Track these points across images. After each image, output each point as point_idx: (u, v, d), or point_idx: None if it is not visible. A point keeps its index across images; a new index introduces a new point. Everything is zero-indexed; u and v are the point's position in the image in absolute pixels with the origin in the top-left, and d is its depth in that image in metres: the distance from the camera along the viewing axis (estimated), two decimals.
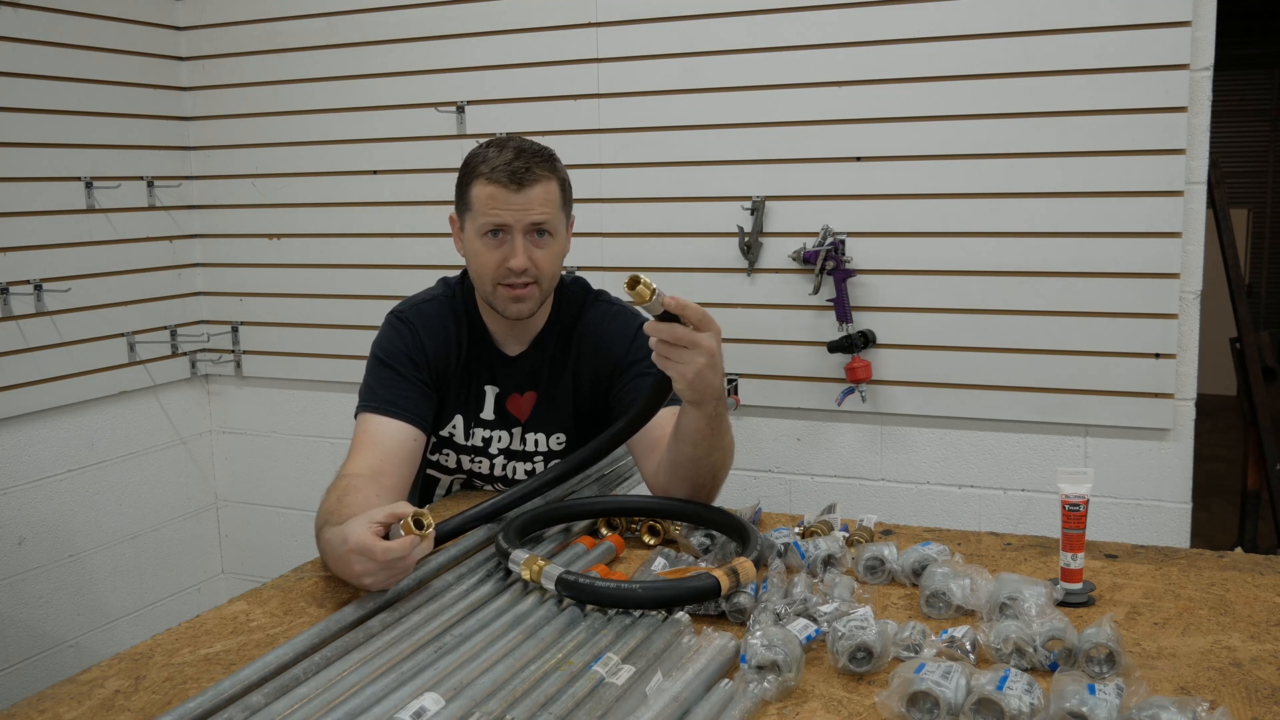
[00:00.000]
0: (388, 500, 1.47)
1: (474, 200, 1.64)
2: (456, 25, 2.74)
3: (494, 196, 1.61)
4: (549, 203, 1.63)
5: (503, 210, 1.61)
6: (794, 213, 2.47)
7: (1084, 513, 1.24)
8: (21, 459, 2.71)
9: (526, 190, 1.61)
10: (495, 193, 1.61)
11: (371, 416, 1.64)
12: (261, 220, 3.07)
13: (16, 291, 2.64)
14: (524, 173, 1.60)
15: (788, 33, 2.42)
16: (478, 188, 1.63)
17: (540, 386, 1.77)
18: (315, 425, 3.11)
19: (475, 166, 1.64)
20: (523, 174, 1.60)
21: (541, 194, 1.62)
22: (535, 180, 1.61)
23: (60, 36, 2.74)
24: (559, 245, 1.68)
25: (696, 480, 1.53)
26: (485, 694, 1.01)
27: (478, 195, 1.63)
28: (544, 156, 1.66)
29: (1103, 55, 2.19)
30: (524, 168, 1.61)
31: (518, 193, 1.60)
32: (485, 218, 1.62)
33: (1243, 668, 1.09)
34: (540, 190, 1.62)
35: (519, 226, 1.62)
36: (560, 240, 1.69)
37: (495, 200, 1.61)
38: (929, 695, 0.98)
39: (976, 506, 2.44)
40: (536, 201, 1.61)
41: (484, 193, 1.62)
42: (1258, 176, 7.66)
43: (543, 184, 1.62)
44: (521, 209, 1.61)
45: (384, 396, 1.65)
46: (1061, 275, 2.28)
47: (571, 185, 1.73)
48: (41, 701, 1.07)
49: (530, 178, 1.61)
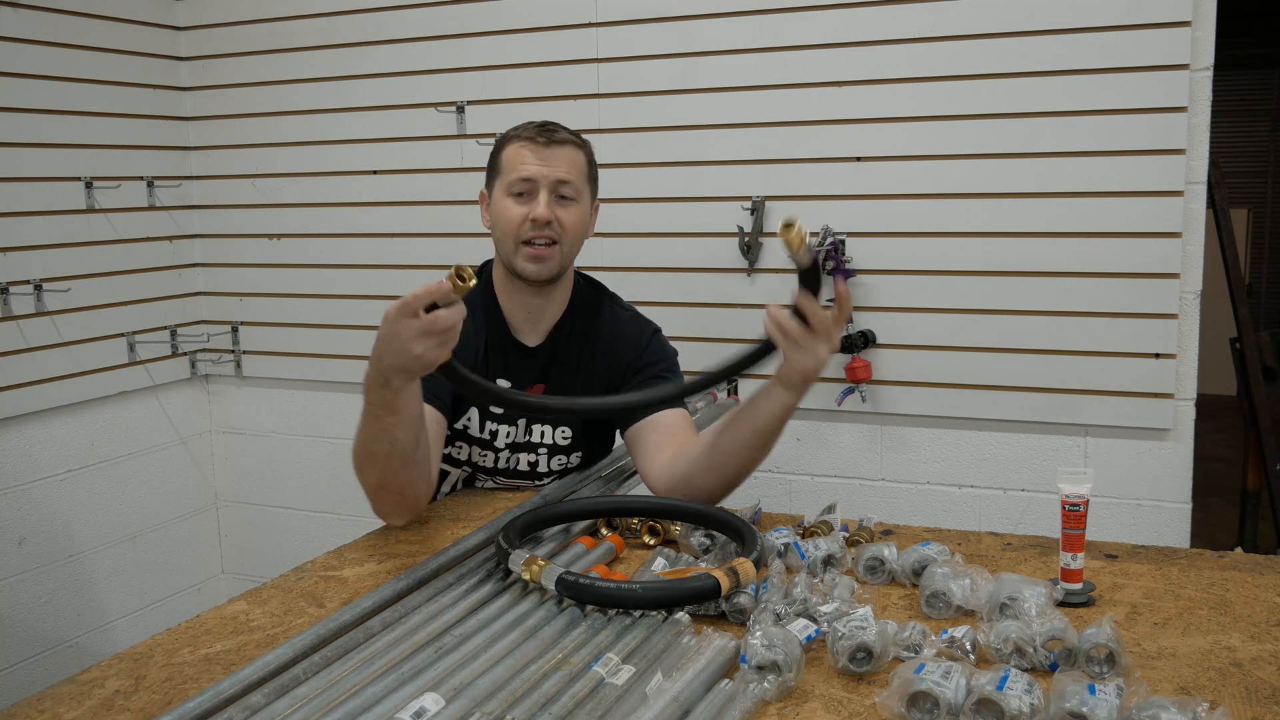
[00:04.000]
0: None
1: (503, 162, 1.71)
2: (456, 25, 2.74)
3: (522, 151, 1.68)
4: (575, 166, 1.70)
5: (531, 164, 1.67)
6: (794, 212, 2.46)
7: (1084, 513, 1.24)
8: (21, 459, 2.71)
9: (554, 149, 1.68)
10: (524, 148, 1.68)
11: None
12: (261, 220, 3.07)
13: (16, 291, 2.64)
14: (553, 133, 1.69)
15: (787, 33, 2.42)
16: (508, 150, 1.71)
17: (550, 379, 1.78)
18: (315, 425, 3.11)
19: (507, 135, 1.73)
20: (552, 133, 1.69)
21: (569, 156, 1.69)
22: (564, 142, 1.69)
23: (60, 36, 2.74)
24: (582, 212, 1.73)
25: (728, 472, 1.57)
26: (485, 694, 1.01)
27: (507, 156, 1.70)
28: (574, 132, 1.74)
29: (1103, 55, 2.19)
30: (553, 129, 1.70)
31: (546, 147, 1.67)
32: (514, 174, 1.68)
33: (1243, 668, 1.09)
34: (569, 152, 1.69)
35: (545, 182, 1.67)
36: (584, 208, 1.73)
37: (524, 155, 1.68)
38: (929, 695, 0.97)
39: (976, 506, 2.44)
40: (564, 161, 1.68)
41: (513, 150, 1.70)
42: (1258, 176, 7.66)
43: (571, 148, 1.70)
44: (549, 165, 1.67)
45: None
46: (1061, 275, 2.28)
47: (598, 170, 1.78)
48: (41, 701, 1.07)
49: (559, 138, 1.69)
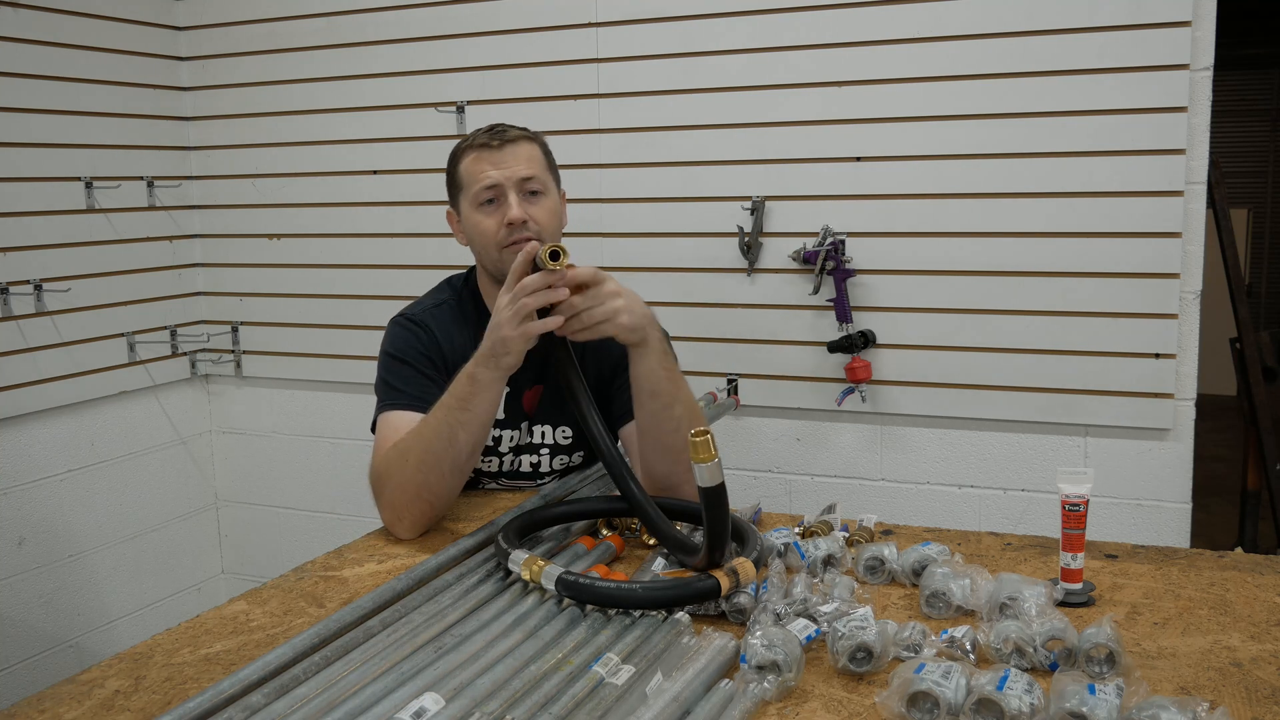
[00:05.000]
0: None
1: (463, 176, 1.70)
2: (456, 25, 2.74)
3: (478, 160, 1.67)
4: (534, 160, 1.69)
5: (490, 169, 1.66)
6: (794, 213, 2.47)
7: (1084, 513, 1.24)
8: (21, 459, 2.71)
9: (508, 147, 1.67)
10: (479, 156, 1.68)
11: (398, 413, 1.64)
12: (261, 220, 3.07)
13: (16, 291, 2.64)
14: (503, 133, 1.68)
15: (787, 33, 2.42)
16: (465, 164, 1.70)
17: (547, 380, 1.78)
18: (315, 425, 3.11)
19: (458, 148, 1.73)
20: (502, 134, 1.68)
21: (526, 152, 1.68)
22: (515, 139, 1.68)
23: (60, 36, 2.74)
24: (553, 203, 1.72)
25: (666, 441, 1.54)
26: (485, 694, 1.01)
27: (465, 170, 1.70)
28: (520, 127, 1.73)
29: (1103, 55, 2.19)
30: (502, 129, 1.69)
31: (500, 149, 1.67)
32: (476, 185, 1.67)
33: (1243, 668, 1.09)
34: (524, 149, 1.69)
35: (509, 183, 1.66)
36: (553, 199, 1.72)
37: (481, 164, 1.67)
38: (929, 695, 0.98)
39: (976, 506, 2.44)
40: (522, 158, 1.67)
41: (469, 163, 1.69)
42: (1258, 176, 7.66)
43: (524, 144, 1.69)
44: (508, 166, 1.66)
45: (410, 393, 1.66)
46: (1061, 275, 2.28)
47: (554, 158, 1.78)
48: (41, 701, 1.07)
49: (509, 136, 1.68)
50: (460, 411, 1.50)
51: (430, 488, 1.52)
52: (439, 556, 1.37)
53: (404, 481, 1.52)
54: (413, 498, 1.52)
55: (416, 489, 1.51)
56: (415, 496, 1.52)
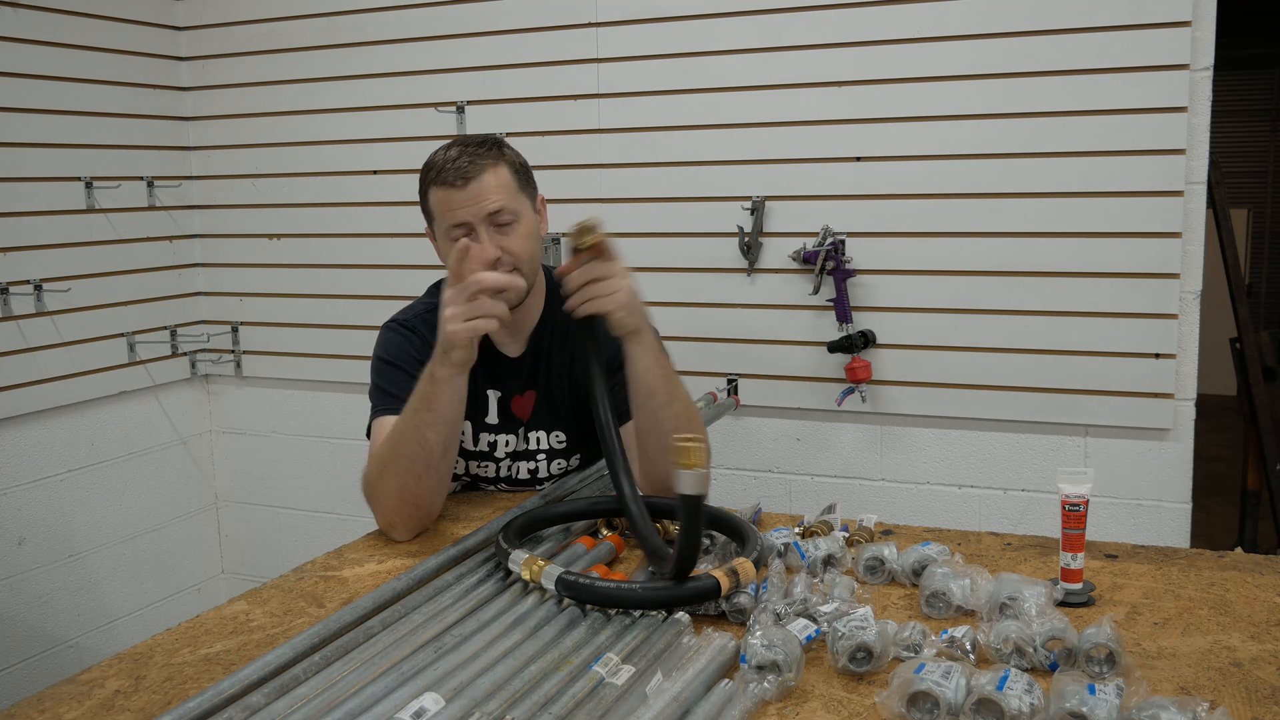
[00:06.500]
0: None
1: (433, 207, 1.67)
2: (456, 25, 2.74)
3: (447, 199, 1.63)
4: (502, 188, 1.64)
5: (458, 209, 1.62)
6: (794, 213, 2.47)
7: (1084, 513, 1.24)
8: (21, 459, 2.71)
9: (474, 183, 1.61)
10: (446, 195, 1.63)
11: (391, 418, 1.63)
12: (261, 220, 3.07)
13: (16, 291, 2.64)
14: (468, 167, 1.62)
15: (788, 33, 2.42)
16: (433, 195, 1.66)
17: (539, 385, 1.78)
18: (315, 425, 3.11)
19: (426, 174, 1.67)
20: (467, 169, 1.61)
21: (492, 182, 1.62)
22: (481, 170, 1.62)
23: (60, 36, 2.74)
24: (527, 226, 1.68)
25: (665, 442, 1.51)
26: (485, 694, 1.01)
27: (434, 202, 1.66)
28: (488, 145, 1.66)
29: (1103, 55, 2.19)
30: (467, 163, 1.62)
31: (464, 188, 1.61)
32: (446, 221, 1.65)
33: (1243, 668, 1.09)
34: (490, 179, 1.62)
35: (478, 220, 1.62)
36: (527, 221, 1.68)
37: (449, 202, 1.63)
38: (929, 695, 0.98)
39: (976, 506, 2.44)
40: (489, 191, 1.62)
41: (438, 198, 1.65)
42: (1258, 176, 7.66)
43: (490, 172, 1.63)
44: (475, 203, 1.62)
45: (403, 398, 1.64)
46: (1061, 275, 2.28)
47: (528, 165, 1.73)
48: (41, 701, 1.07)
49: (475, 169, 1.62)
50: (426, 412, 1.51)
51: (410, 490, 1.53)
52: (439, 556, 1.37)
53: (386, 488, 1.54)
54: (397, 502, 1.54)
55: (398, 493, 1.53)
56: (399, 501, 1.54)
